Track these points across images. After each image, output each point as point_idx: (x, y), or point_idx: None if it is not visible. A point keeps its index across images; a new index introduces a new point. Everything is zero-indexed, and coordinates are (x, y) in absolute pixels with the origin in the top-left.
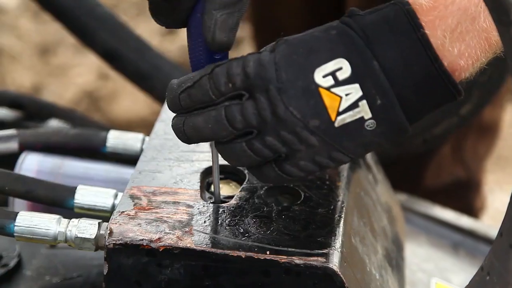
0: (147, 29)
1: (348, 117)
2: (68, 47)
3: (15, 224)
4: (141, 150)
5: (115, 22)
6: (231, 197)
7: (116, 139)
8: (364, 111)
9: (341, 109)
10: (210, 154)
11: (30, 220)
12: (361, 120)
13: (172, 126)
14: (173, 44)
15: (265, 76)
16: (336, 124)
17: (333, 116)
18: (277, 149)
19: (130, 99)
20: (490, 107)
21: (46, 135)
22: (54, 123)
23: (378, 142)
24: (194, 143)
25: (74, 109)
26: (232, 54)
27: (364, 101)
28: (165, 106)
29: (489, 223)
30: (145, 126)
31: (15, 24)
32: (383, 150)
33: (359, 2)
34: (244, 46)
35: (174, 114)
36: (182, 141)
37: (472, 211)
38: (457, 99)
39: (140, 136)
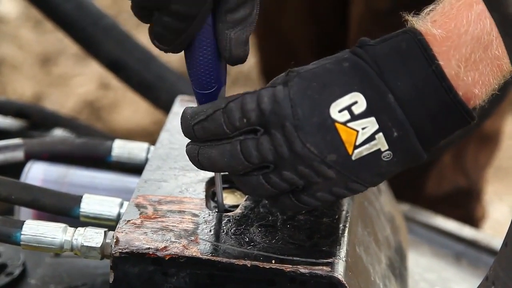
0: (148, 40)
1: (365, 150)
2: (69, 57)
3: (22, 232)
4: (146, 159)
5: (120, 32)
6: (236, 206)
7: (121, 148)
8: (380, 143)
9: (358, 143)
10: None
11: (36, 229)
12: (378, 152)
13: (186, 152)
14: (174, 54)
15: (281, 113)
16: (353, 158)
17: (350, 150)
18: (295, 182)
19: (131, 108)
20: (491, 117)
21: (52, 144)
22: (58, 132)
23: (394, 170)
24: (211, 172)
25: (78, 119)
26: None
27: (381, 134)
28: (170, 116)
29: (489, 234)
30: (146, 136)
31: (16, 34)
32: None
33: (363, 13)
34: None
35: (181, 125)
36: (198, 168)
37: (473, 220)
38: (470, 124)
39: (145, 145)
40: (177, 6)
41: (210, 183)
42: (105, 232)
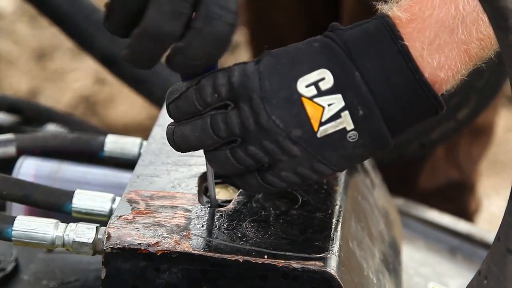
0: None
1: (330, 128)
2: (64, 52)
3: (13, 228)
4: (139, 154)
5: None
6: (228, 201)
7: (113, 143)
8: (346, 122)
9: (323, 119)
10: (205, 158)
11: (27, 225)
12: (344, 131)
13: (166, 134)
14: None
15: (249, 85)
16: (319, 135)
17: (315, 126)
18: (260, 158)
19: (126, 103)
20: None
21: (44, 140)
22: (51, 128)
23: (360, 154)
24: (184, 151)
25: (72, 114)
26: (229, 59)
27: (347, 112)
28: (163, 111)
29: (485, 228)
30: (142, 131)
31: (12, 29)
32: (381, 154)
33: (354, 8)
34: (240, 51)
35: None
36: (175, 150)
37: (467, 213)
38: (438, 112)
39: (137, 140)
40: None
41: (203, 178)
42: (97, 227)
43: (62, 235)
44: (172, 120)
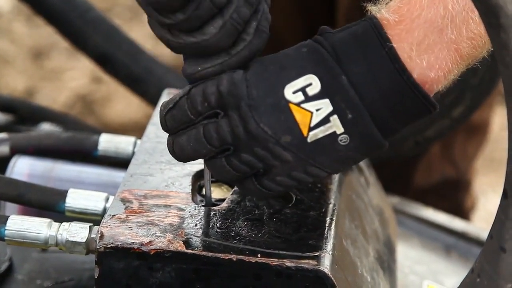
0: (141, 33)
1: (320, 132)
2: (61, 51)
3: (6, 228)
4: (133, 153)
5: (108, 25)
6: (222, 200)
7: (107, 142)
8: (335, 125)
9: (312, 124)
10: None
11: (21, 224)
12: (334, 135)
13: (167, 146)
14: (166, 48)
15: (237, 93)
16: (309, 140)
17: (305, 132)
18: (253, 164)
19: (123, 102)
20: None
21: (38, 139)
22: (46, 127)
23: (353, 156)
24: (184, 161)
25: (66, 113)
26: None
27: (335, 116)
28: (157, 109)
29: (481, 226)
30: (139, 130)
31: (8, 28)
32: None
33: (350, 7)
34: None
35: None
36: (177, 160)
37: (463, 211)
38: (431, 112)
39: (131, 139)
40: None
41: (196, 177)
42: (90, 227)
43: (56, 235)
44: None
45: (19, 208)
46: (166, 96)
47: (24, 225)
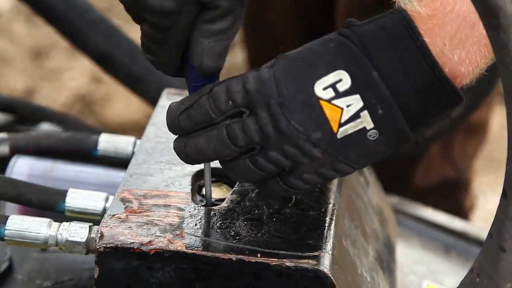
0: (139, 34)
1: (350, 128)
2: (61, 50)
3: (6, 227)
4: (133, 153)
5: (108, 25)
6: (222, 200)
7: (107, 142)
8: (366, 121)
9: (342, 121)
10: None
11: (20, 224)
12: (363, 130)
13: (174, 148)
14: None
15: (266, 91)
16: (339, 136)
17: (335, 128)
18: (281, 163)
19: (123, 102)
20: (479, 108)
21: (37, 139)
22: (45, 127)
23: (381, 151)
24: (197, 164)
25: (66, 113)
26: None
27: (366, 112)
28: (157, 109)
29: (481, 225)
30: (138, 130)
31: (8, 28)
32: None
33: (349, 6)
34: (235, 50)
35: (166, 119)
36: (185, 163)
37: (462, 211)
38: (458, 104)
39: (131, 139)
40: (151, 18)
41: (196, 177)
42: (90, 226)
43: (55, 234)
44: (170, 132)
45: (19, 208)
46: (165, 96)
47: (24, 225)
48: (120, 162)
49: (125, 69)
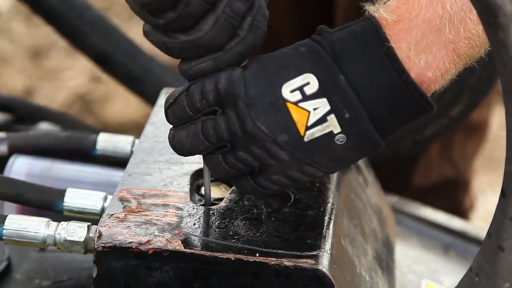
0: (139, 32)
1: (317, 132)
2: (60, 50)
3: (4, 227)
4: (131, 152)
5: (106, 25)
6: (221, 199)
7: (106, 141)
8: (333, 125)
9: (309, 124)
10: (200, 156)
11: (19, 223)
12: (331, 134)
13: (167, 138)
14: None
15: (234, 92)
16: (306, 139)
17: (302, 131)
18: (249, 163)
19: (122, 102)
20: (478, 107)
21: (36, 138)
22: (44, 126)
23: (349, 156)
24: (184, 156)
25: (65, 112)
26: None
27: (332, 115)
28: (155, 109)
29: (480, 225)
30: (138, 129)
31: (7, 27)
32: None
33: (348, 5)
34: None
35: (164, 117)
36: (177, 154)
37: (462, 210)
38: (429, 112)
39: (130, 138)
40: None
41: (195, 176)
42: (88, 226)
43: (54, 234)
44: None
45: (18, 208)
46: (164, 95)
47: (22, 224)
48: (119, 162)
49: (124, 69)
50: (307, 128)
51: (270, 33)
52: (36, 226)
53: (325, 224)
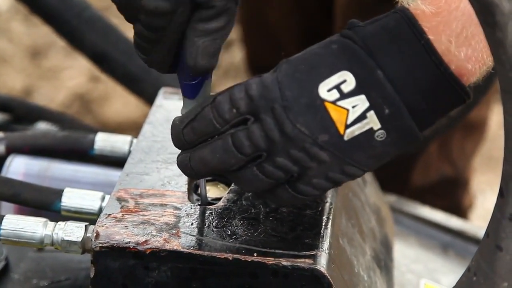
0: None
1: (357, 129)
2: (59, 49)
3: (1, 227)
4: (129, 152)
5: (104, 24)
6: (218, 199)
7: (103, 141)
8: (372, 121)
9: (349, 122)
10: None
11: (16, 224)
12: (371, 131)
13: (178, 164)
14: None
15: (269, 96)
16: (346, 138)
17: (341, 130)
18: (289, 169)
19: (121, 101)
20: (477, 106)
21: (34, 138)
22: (42, 126)
23: (389, 151)
24: (202, 177)
25: (63, 112)
26: (223, 56)
27: (372, 112)
28: (153, 108)
29: (479, 224)
30: (136, 129)
31: (6, 27)
32: None
33: (348, 5)
34: (234, 48)
35: (170, 134)
36: (190, 177)
37: (461, 209)
38: (466, 102)
39: (128, 138)
40: (145, 18)
41: None
42: (86, 226)
43: (51, 234)
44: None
45: (15, 208)
46: (162, 95)
47: (20, 224)
48: (117, 161)
49: (122, 68)
50: (347, 126)
51: (270, 33)
52: (33, 226)
53: (323, 223)
